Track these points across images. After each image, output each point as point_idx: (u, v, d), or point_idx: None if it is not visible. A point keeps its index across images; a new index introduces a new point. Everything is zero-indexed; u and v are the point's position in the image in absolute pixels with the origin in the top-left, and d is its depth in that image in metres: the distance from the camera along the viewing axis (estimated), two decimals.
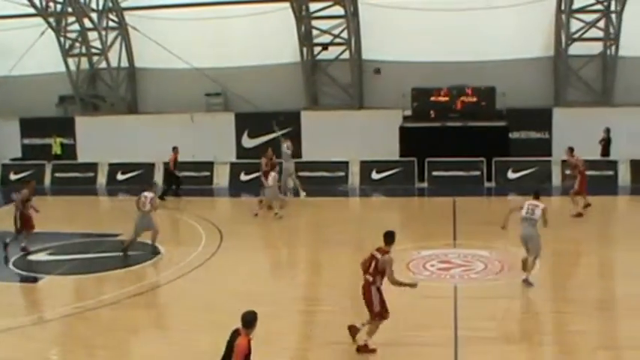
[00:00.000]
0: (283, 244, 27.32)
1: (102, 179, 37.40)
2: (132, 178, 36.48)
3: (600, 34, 38.52)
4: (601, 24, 38.24)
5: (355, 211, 33.06)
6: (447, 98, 35.89)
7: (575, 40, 38.39)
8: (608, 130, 34.89)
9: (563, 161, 33.82)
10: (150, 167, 36.40)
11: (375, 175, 34.90)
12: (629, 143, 34.48)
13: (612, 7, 37.49)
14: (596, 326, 17.89)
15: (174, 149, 33.24)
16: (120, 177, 37.21)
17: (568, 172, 31.00)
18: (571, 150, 29.42)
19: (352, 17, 38.69)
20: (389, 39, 38.60)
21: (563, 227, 26.82)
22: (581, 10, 37.73)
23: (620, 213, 29.24)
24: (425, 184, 34.46)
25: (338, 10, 38.37)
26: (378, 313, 16.23)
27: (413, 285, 16.68)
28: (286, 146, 32.18)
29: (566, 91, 39.22)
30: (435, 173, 34.54)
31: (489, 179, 34.41)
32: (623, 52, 38.45)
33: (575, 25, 38.24)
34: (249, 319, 12.18)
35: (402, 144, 35.48)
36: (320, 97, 40.63)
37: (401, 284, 16.43)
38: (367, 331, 16.33)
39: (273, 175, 28.91)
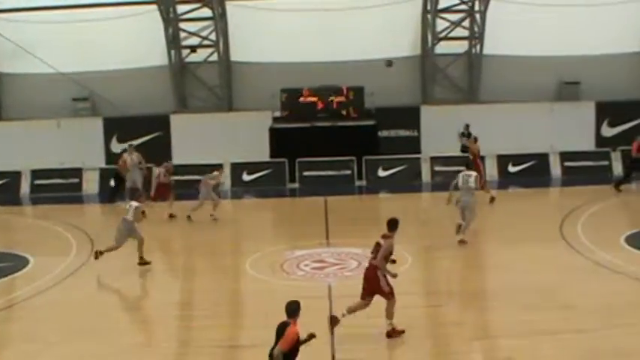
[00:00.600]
0: (156, 249, 26.85)
1: None
2: None
3: (465, 33, 39.33)
4: (466, 23, 39.04)
5: (227, 213, 32.80)
6: (316, 98, 36.01)
7: (441, 39, 39.08)
8: (467, 126, 35.57)
9: (432, 158, 34.54)
10: (16, 176, 35.38)
11: (245, 177, 34.80)
12: (495, 139, 35.29)
13: (476, 7, 38.34)
14: (470, 317, 18.23)
15: (126, 150, 32.46)
16: None
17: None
18: (475, 139, 30.20)
19: (220, 19, 38.45)
20: (258, 40, 38.46)
21: (435, 222, 27.38)
22: (447, 10, 38.43)
23: (489, 206, 29.79)
24: (296, 185, 34.52)
25: (206, 11, 38.08)
26: (390, 292, 16.78)
27: (394, 275, 17.19)
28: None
29: (434, 90, 39.86)
30: (305, 173, 34.66)
31: (360, 178, 34.71)
32: (487, 50, 39.31)
33: (441, 24, 38.92)
34: (294, 308, 13.26)
35: (273, 145, 35.46)
36: (189, 100, 40.20)
37: (385, 270, 16.94)
38: (387, 315, 16.82)
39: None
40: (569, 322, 17.48)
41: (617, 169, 36.04)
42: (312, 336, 13.60)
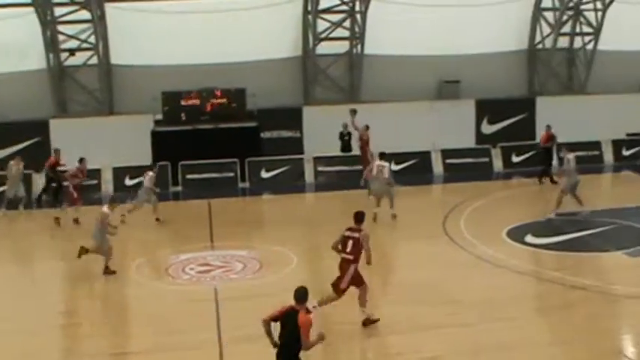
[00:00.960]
0: (34, 257, 26.26)
1: None
2: None
3: (346, 33, 39.55)
4: (347, 24, 39.25)
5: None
6: (197, 101, 35.73)
7: (322, 39, 39.20)
8: (346, 126, 35.82)
9: (315, 158, 34.70)
10: None
11: (128, 182, 34.19)
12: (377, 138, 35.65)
13: (357, 8, 38.57)
14: (357, 315, 18.28)
15: (56, 151, 31.41)
16: None
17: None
18: (366, 127, 30.42)
19: (99, 21, 37.72)
20: (138, 43, 37.90)
21: (319, 222, 27.51)
22: (327, 10, 38.55)
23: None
24: (179, 188, 34.18)
25: (84, 14, 37.33)
26: (343, 290, 17.51)
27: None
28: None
29: (315, 90, 40.03)
30: (188, 176, 34.34)
31: (243, 180, 34.60)
32: (368, 50, 39.67)
33: (321, 25, 39.04)
34: (303, 293, 13.30)
35: (155, 149, 35.02)
36: (69, 104, 39.34)
37: (370, 257, 17.78)
38: (360, 303, 17.60)
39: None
40: (454, 316, 17.77)
41: (498, 165, 36.83)
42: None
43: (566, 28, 42.84)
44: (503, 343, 16.32)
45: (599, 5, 41.51)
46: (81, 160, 29.28)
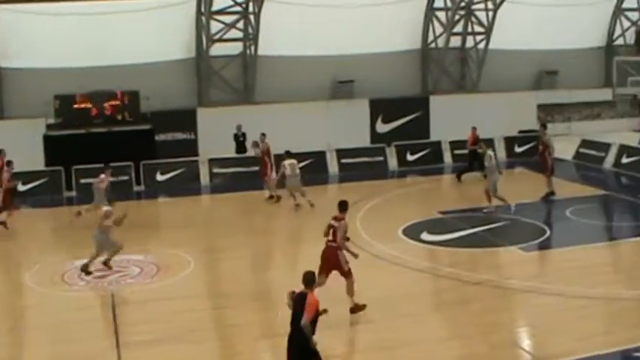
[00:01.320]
0: None
1: None
2: None
3: (240, 34, 39.45)
4: (240, 25, 39.16)
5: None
6: (90, 104, 35.19)
7: (215, 41, 39.05)
8: (240, 127, 35.77)
9: (210, 160, 34.55)
10: None
11: (21, 187, 33.43)
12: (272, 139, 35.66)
13: (250, 9, 38.52)
14: (254, 317, 18.33)
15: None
16: None
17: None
18: (263, 135, 30.25)
19: None
20: (29, 45, 37.14)
21: (216, 224, 27.40)
22: (221, 11, 38.42)
23: (273, 206, 30.02)
24: (74, 193, 33.58)
25: None
26: (348, 271, 17.95)
27: (355, 255, 18.49)
28: None
29: (209, 92, 39.86)
30: (83, 181, 33.68)
31: (138, 183, 34.18)
32: (262, 51, 39.64)
33: (215, 26, 38.88)
34: (311, 277, 14.12)
35: (47, 153, 34.34)
36: None
37: (347, 249, 18.26)
38: (347, 292, 17.87)
39: None
40: (355, 315, 17.83)
41: (392, 163, 37.18)
42: (325, 311, 14.13)
43: (458, 28, 43.66)
44: (403, 339, 16.47)
45: (490, 5, 42.36)
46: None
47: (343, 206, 18.91)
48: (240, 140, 35.69)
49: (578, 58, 47.08)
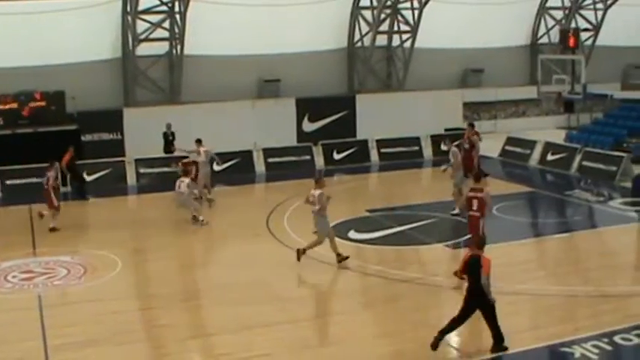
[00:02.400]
0: None
1: None
2: None
3: (166, 34, 39.20)
4: (166, 24, 38.92)
5: None
6: (15, 104, 34.85)
7: (142, 40, 38.76)
8: (169, 126, 35.62)
9: (137, 160, 34.31)
10: None
11: None
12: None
13: (176, 8, 38.29)
14: (183, 318, 18.29)
15: None
16: None
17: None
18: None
19: None
20: None
21: (149, 224, 27.23)
22: (147, 11, 38.13)
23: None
24: None
25: None
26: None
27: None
28: None
29: (136, 92, 39.55)
30: (8, 182, 33.17)
31: (64, 184, 33.71)
32: (188, 50, 39.45)
33: (141, 25, 38.60)
34: (483, 241, 16.27)
35: None
36: None
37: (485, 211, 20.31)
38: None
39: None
40: (283, 313, 17.90)
41: (319, 162, 37.26)
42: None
43: (384, 27, 43.88)
44: (331, 338, 16.59)
45: (415, 4, 42.69)
46: None
47: (478, 177, 21.60)
48: (169, 139, 35.48)
49: (504, 57, 47.72)
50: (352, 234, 24.80)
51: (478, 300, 15.30)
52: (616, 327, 16.18)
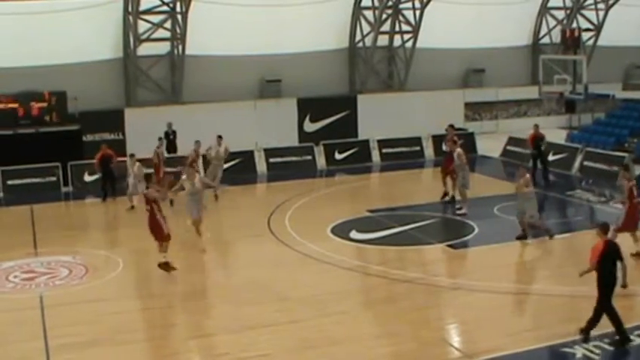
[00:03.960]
0: None
1: None
2: None
3: (167, 34, 39.20)
4: (168, 24, 38.91)
5: None
6: (16, 105, 34.86)
7: (143, 40, 38.76)
8: (170, 125, 35.67)
9: (133, 157, 34.35)
10: None
11: None
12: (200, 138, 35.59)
13: (178, 8, 38.30)
14: (184, 318, 18.31)
15: None
16: None
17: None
18: (159, 144, 29.99)
19: None
20: None
21: (144, 225, 27.17)
22: (148, 11, 38.13)
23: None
24: (0, 194, 33.10)
25: None
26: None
27: None
28: None
29: (137, 92, 39.55)
30: (10, 182, 33.26)
31: (66, 184, 33.78)
32: (190, 51, 39.45)
33: (142, 26, 38.60)
34: (607, 225, 16.30)
35: None
36: None
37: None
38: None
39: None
40: (283, 314, 17.91)
41: (321, 162, 37.27)
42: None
43: (386, 27, 43.86)
44: (332, 338, 16.56)
45: (417, 4, 42.68)
46: None
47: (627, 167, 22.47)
48: (170, 138, 35.49)
49: (505, 57, 47.70)
50: (354, 234, 24.80)
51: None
52: None
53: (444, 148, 30.21)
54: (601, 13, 48.01)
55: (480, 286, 19.53)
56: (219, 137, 30.73)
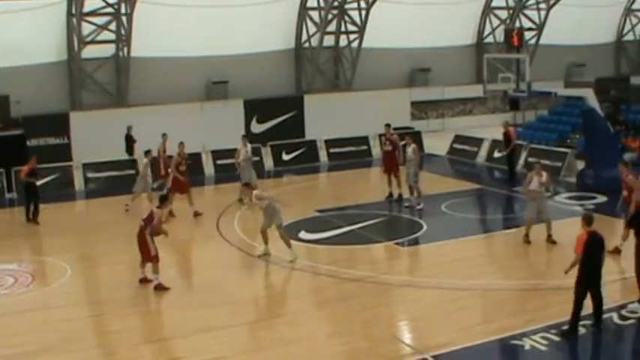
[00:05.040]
0: None
1: None
2: None
3: (112, 36, 38.91)
4: (113, 27, 38.63)
5: None
6: None
7: (87, 43, 38.43)
8: (130, 128, 35.45)
9: (85, 165, 34.00)
10: None
11: None
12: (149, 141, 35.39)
13: (122, 10, 38.02)
14: (135, 323, 18.13)
15: None
16: None
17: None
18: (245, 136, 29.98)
19: None
20: None
21: (97, 229, 26.95)
22: (92, 13, 37.81)
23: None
24: None
25: None
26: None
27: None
28: None
29: (82, 95, 39.18)
30: None
31: (10, 190, 33.29)
32: (135, 52, 39.20)
33: (87, 28, 38.25)
34: (590, 215, 16.40)
35: None
36: None
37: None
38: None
39: None
40: (235, 316, 17.85)
41: (268, 163, 37.21)
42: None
43: (332, 27, 43.96)
44: (284, 339, 16.53)
45: (362, 4, 42.83)
46: None
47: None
48: (131, 140, 35.32)
49: (450, 56, 48.13)
50: (303, 234, 24.77)
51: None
52: (564, 318, 16.32)
53: (384, 147, 30.25)
54: (543, 13, 48.62)
55: (429, 283, 19.65)
56: (244, 136, 31.18)
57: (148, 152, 29.13)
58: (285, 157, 38.14)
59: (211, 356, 15.73)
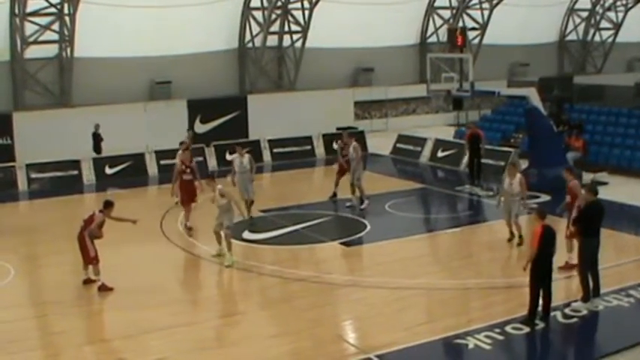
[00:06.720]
0: None
1: None
2: None
3: (55, 36, 38.61)
4: (56, 27, 38.35)
5: None
6: None
7: (30, 43, 38.12)
8: (97, 126, 35.36)
9: (28, 165, 33.70)
10: None
11: None
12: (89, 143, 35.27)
13: (65, 10, 37.76)
14: (79, 324, 18.06)
15: None
16: None
17: None
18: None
19: None
20: None
21: (41, 230, 26.77)
22: (35, 13, 37.52)
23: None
24: None
25: None
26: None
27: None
28: None
29: (25, 95, 38.84)
30: None
31: None
32: (79, 53, 38.94)
33: (30, 28, 37.93)
34: (543, 210, 16.85)
35: None
36: None
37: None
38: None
39: None
40: (179, 316, 17.86)
41: (212, 163, 37.14)
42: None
43: (275, 27, 44.02)
44: (228, 339, 16.63)
45: (306, 4, 42.96)
46: None
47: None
48: (99, 139, 35.16)
49: (393, 56, 48.44)
50: (246, 234, 24.80)
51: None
52: (507, 317, 16.64)
53: (335, 146, 30.32)
54: (486, 13, 49.09)
55: (373, 282, 19.82)
56: (239, 146, 29.31)
57: (182, 143, 29.49)
58: (229, 157, 38.01)
59: (155, 357, 15.75)
